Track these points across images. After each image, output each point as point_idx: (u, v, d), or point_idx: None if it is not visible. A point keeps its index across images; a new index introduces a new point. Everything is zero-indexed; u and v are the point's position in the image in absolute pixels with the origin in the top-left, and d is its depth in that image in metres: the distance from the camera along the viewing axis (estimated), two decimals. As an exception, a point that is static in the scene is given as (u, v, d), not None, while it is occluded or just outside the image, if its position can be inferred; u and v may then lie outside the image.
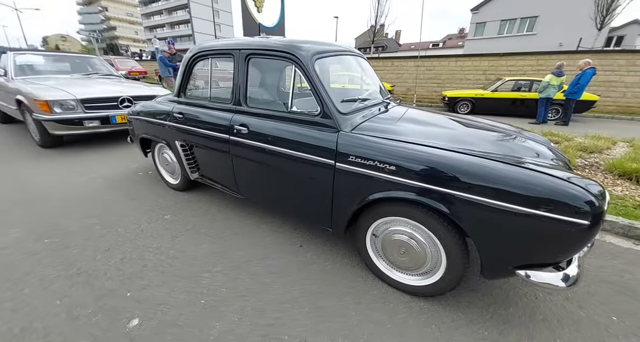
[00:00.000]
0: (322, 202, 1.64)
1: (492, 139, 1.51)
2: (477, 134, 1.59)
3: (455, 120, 1.85)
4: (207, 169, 2.35)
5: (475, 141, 1.43)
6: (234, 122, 1.87)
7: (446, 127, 1.65)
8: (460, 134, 1.57)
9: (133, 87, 4.50)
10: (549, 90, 6.93)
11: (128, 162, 3.56)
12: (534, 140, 1.64)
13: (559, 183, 1.05)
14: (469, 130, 1.67)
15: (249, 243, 2.00)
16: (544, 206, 1.04)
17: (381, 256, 1.60)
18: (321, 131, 1.55)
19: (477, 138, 1.50)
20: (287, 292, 1.56)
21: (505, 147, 1.43)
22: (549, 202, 1.03)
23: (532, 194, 1.05)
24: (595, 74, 6.81)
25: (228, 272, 1.71)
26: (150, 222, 2.23)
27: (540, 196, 1.04)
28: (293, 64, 1.63)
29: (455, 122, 1.80)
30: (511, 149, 1.40)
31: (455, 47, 30.73)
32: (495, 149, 1.36)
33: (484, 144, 1.41)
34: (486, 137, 1.54)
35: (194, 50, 2.13)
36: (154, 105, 2.50)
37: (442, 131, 1.56)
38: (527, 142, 1.58)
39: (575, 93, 6.82)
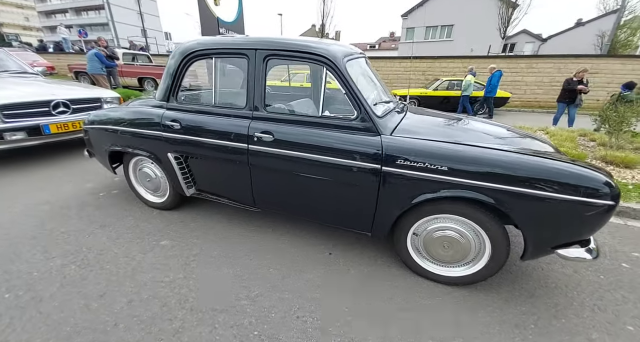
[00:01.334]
0: (362, 208, 1.63)
1: (509, 136, 1.72)
2: (496, 132, 1.78)
3: (461, 118, 2.03)
4: (210, 183, 2.10)
5: (500, 139, 1.60)
6: (254, 130, 1.71)
7: (466, 128, 1.81)
8: (483, 132, 1.73)
9: (65, 87, 3.69)
10: (470, 88, 8.35)
11: (78, 182, 2.92)
12: (537, 138, 1.89)
13: (588, 172, 1.26)
14: (486, 128, 1.84)
15: (275, 258, 1.86)
16: (578, 192, 1.23)
17: (422, 254, 1.67)
18: (361, 136, 1.53)
19: (497, 136, 1.68)
20: (340, 305, 1.52)
21: (523, 143, 1.63)
22: (582, 189, 1.23)
23: (570, 182, 1.24)
24: (502, 75, 8.35)
25: (269, 294, 1.57)
26: (146, 252, 1.89)
27: (577, 184, 1.23)
28: (324, 66, 1.56)
29: (464, 121, 1.97)
30: (529, 145, 1.60)
31: (389, 49, 33.41)
32: (521, 145, 1.55)
33: (507, 141, 1.59)
34: (502, 134, 1.74)
35: (189, 47, 1.85)
36: (130, 112, 2.10)
37: (469, 132, 1.71)
38: (533, 139, 1.81)
39: (491, 92, 8.27)
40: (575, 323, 1.45)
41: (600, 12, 28.40)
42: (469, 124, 1.90)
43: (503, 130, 1.88)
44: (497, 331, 1.39)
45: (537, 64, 11.49)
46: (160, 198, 2.38)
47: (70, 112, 3.37)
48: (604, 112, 4.27)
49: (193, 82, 2.86)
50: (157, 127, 1.97)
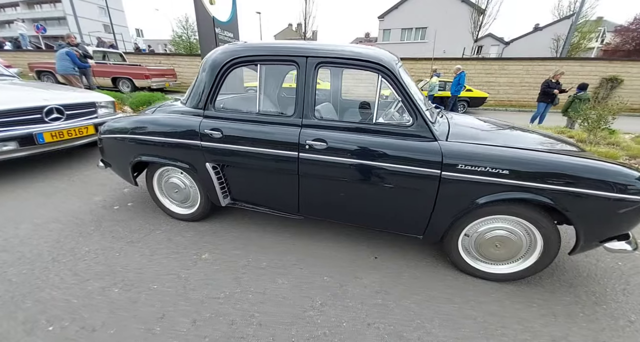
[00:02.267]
0: (418, 212, 1.67)
1: (544, 137, 1.85)
2: (531, 134, 1.91)
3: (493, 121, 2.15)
4: (249, 192, 2.03)
5: (540, 141, 1.72)
6: (305, 137, 1.69)
7: (506, 131, 1.91)
8: (522, 135, 1.84)
9: (55, 91, 3.38)
10: (435, 89, 9.13)
11: (84, 194, 2.69)
12: (564, 140, 2.04)
13: (630, 172, 1.39)
14: (519, 131, 1.96)
15: (325, 265, 1.85)
16: (627, 190, 1.36)
17: (472, 254, 1.75)
18: (418, 142, 1.57)
19: (535, 137, 1.80)
20: (407, 309, 1.55)
21: (561, 145, 1.76)
22: (629, 187, 1.36)
23: (620, 181, 1.36)
24: (465, 75, 8.98)
25: (333, 302, 1.57)
26: (189, 268, 1.79)
27: (626, 182, 1.36)
28: (379, 73, 1.58)
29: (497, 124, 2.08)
30: (566, 146, 1.74)
31: (365, 49, 34.11)
32: (560, 146, 1.68)
33: (547, 142, 1.71)
34: (537, 135, 1.87)
35: (232, 53, 1.78)
36: (161, 120, 1.97)
37: (514, 135, 1.81)
38: (560, 141, 1.96)
39: (458, 91, 8.80)
40: (614, 308, 1.60)
41: (555, 17, 31.08)
42: (506, 127, 2.01)
43: (534, 133, 2.02)
44: (554, 322, 1.50)
45: (508, 66, 12.31)
46: (188, 209, 2.26)
47: (64, 119, 3.09)
48: (584, 112, 4.68)
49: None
50: (195, 136, 1.88)
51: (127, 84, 11.09)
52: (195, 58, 13.93)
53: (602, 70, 12.08)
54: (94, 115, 3.45)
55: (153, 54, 14.50)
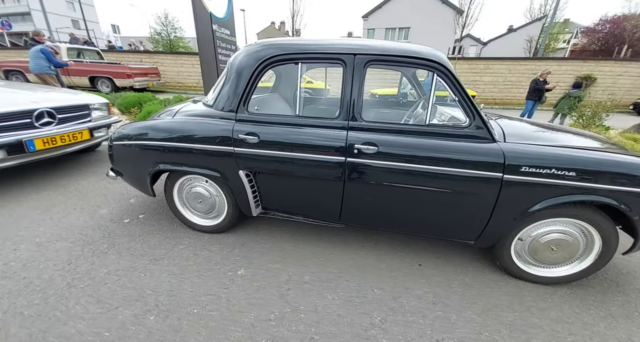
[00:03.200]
0: (474, 217, 1.60)
1: (591, 137, 1.84)
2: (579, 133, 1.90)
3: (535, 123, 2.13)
4: (284, 200, 1.89)
5: (591, 141, 1.71)
6: (353, 141, 1.57)
7: (555, 131, 1.89)
8: (573, 135, 1.82)
9: (42, 93, 3.04)
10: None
11: (86, 207, 2.43)
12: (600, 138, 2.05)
13: None
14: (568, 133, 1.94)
15: (371, 276, 1.75)
16: None
17: (525, 258, 1.70)
18: (476, 143, 1.50)
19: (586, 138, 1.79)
20: (470, 320, 1.48)
21: (609, 144, 1.76)
22: None
23: None
24: None
25: (393, 318, 1.47)
26: (227, 286, 1.63)
27: None
28: (434, 71, 1.50)
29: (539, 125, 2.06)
30: (611, 146, 1.73)
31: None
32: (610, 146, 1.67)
33: (598, 142, 1.70)
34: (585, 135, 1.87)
35: (270, 50, 1.63)
36: (186, 125, 1.79)
37: (562, 135, 1.79)
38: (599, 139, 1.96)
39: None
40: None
41: (527, 19, 32.67)
42: (547, 127, 1.99)
43: (575, 132, 2.01)
44: (615, 324, 1.48)
45: (492, 65, 12.73)
46: (213, 220, 2.08)
47: (56, 123, 2.79)
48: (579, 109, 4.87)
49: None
50: (228, 142, 1.71)
51: (106, 84, 10.45)
52: (179, 56, 13.35)
53: (577, 69, 12.75)
54: (88, 119, 3.15)
55: (133, 52, 13.74)
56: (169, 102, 5.43)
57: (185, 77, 13.24)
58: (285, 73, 2.55)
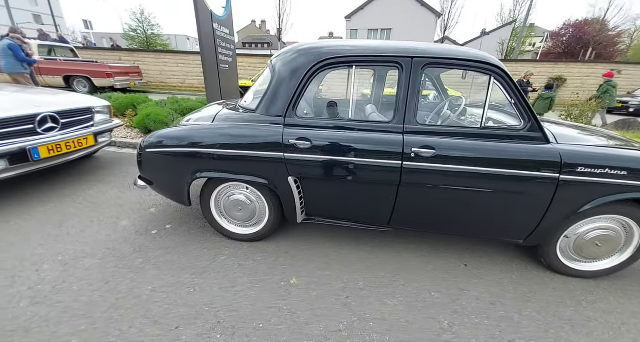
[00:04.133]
0: (527, 217, 1.65)
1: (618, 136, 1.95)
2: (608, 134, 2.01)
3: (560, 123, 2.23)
4: (330, 206, 1.85)
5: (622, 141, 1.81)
6: (410, 145, 1.57)
7: (589, 131, 1.99)
8: (607, 136, 1.92)
9: (42, 95, 2.79)
10: None
11: (104, 220, 2.25)
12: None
13: None
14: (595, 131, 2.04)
15: (424, 279, 1.75)
16: None
17: (569, 254, 1.78)
18: (531, 145, 1.55)
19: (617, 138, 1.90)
20: (532, 319, 1.51)
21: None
22: None
23: None
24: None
25: (460, 321, 1.48)
26: (286, 298, 1.57)
27: None
28: (491, 75, 1.52)
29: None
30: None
31: (332, 49, 34.41)
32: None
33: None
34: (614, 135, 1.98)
35: (324, 53, 1.58)
36: (232, 131, 1.70)
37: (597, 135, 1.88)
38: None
39: None
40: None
41: (499, 23, 34.43)
42: (583, 128, 2.09)
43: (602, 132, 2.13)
44: (660, 313, 1.58)
45: (474, 66, 13.28)
46: (252, 228, 1.99)
47: (59, 128, 2.56)
48: (568, 109, 5.18)
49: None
50: (277, 147, 1.64)
51: (83, 84, 9.82)
52: (162, 55, 12.77)
53: (550, 70, 13.61)
54: (91, 123, 2.93)
55: (111, 50, 12.96)
56: (165, 103, 5.16)
57: (169, 77, 12.69)
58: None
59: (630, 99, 11.04)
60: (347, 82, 2.49)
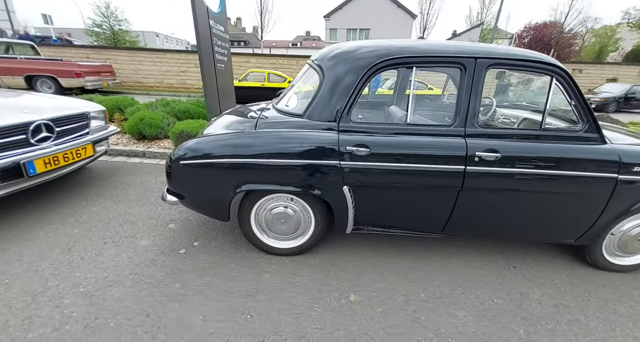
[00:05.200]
0: (583, 217, 1.66)
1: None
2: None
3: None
4: (382, 214, 1.76)
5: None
6: (474, 149, 1.51)
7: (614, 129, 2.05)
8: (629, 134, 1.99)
9: (30, 99, 2.44)
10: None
11: (120, 240, 1.99)
12: None
13: None
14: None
15: (479, 285, 1.72)
16: None
17: (613, 251, 1.82)
18: (589, 145, 1.55)
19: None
20: (598, 319, 1.52)
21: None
22: None
23: None
24: None
25: (534, 329, 1.45)
26: (352, 317, 1.46)
27: None
28: (553, 76, 1.50)
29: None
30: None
31: (311, 48, 34.22)
32: None
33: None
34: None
35: (382, 54, 1.49)
36: (278, 139, 1.55)
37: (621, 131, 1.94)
38: None
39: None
40: None
41: (468, 25, 36.12)
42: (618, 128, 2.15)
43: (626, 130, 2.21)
44: (701, 303, 1.66)
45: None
46: (295, 241, 1.85)
47: (54, 138, 2.24)
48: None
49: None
50: (332, 155, 1.52)
51: (48, 84, 8.93)
52: (137, 52, 11.95)
53: (522, 70, 14.43)
54: (86, 130, 2.61)
55: (78, 47, 11.92)
56: (155, 106, 4.79)
57: (145, 76, 11.92)
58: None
59: (591, 95, 11.95)
60: (397, 83, 2.42)
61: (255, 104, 2.44)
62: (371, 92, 7.61)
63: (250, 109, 2.16)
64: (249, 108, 2.24)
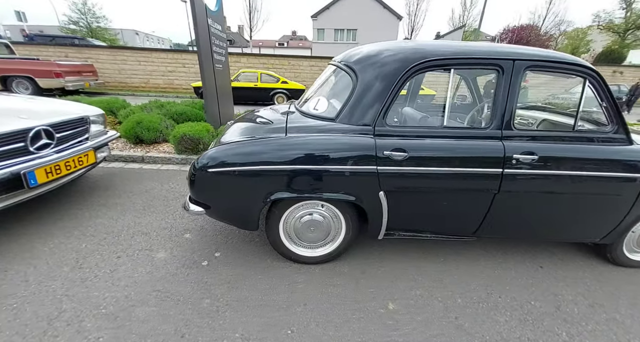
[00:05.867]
0: (610, 217, 1.68)
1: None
2: None
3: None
4: (414, 218, 1.72)
5: None
6: (511, 151, 1.50)
7: None
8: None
9: (26, 102, 2.25)
10: None
11: (137, 254, 1.86)
12: None
13: None
14: None
15: (512, 287, 1.72)
16: None
17: (631, 247, 1.87)
18: (618, 146, 1.58)
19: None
20: (632, 317, 1.55)
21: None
22: None
23: None
24: None
25: (576, 331, 1.45)
26: (396, 328, 1.42)
27: None
28: (587, 78, 1.51)
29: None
30: None
31: (297, 48, 34.05)
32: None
33: None
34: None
35: (417, 55, 1.45)
36: (313, 145, 1.48)
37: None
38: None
39: None
40: None
41: (451, 27, 37.05)
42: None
43: None
44: None
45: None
46: (324, 249, 1.79)
47: (54, 145, 2.07)
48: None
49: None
50: (371, 160, 1.47)
51: (25, 85, 8.42)
52: (119, 51, 11.45)
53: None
54: (86, 136, 2.43)
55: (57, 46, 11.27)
56: (150, 108, 4.58)
57: (129, 76, 11.45)
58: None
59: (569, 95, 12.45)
60: (410, 85, 2.38)
61: (267, 108, 2.35)
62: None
63: (270, 113, 2.07)
64: (268, 112, 2.14)
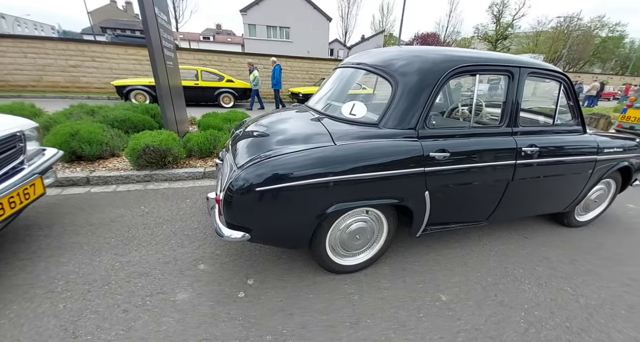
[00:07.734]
0: (576, 190, 2.13)
1: None
2: None
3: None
4: (446, 212, 1.84)
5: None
6: (521, 144, 1.77)
7: None
8: None
9: None
10: (259, 83, 8.64)
11: (153, 303, 1.49)
12: None
13: None
14: None
15: (522, 259, 2.02)
16: None
17: (579, 212, 2.42)
18: (579, 136, 2.03)
19: None
20: (605, 268, 1.99)
21: None
22: None
23: None
24: (281, 69, 8.87)
25: (576, 284, 1.80)
26: (459, 318, 1.51)
27: None
28: (561, 83, 1.89)
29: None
30: None
31: (226, 43, 31.84)
32: None
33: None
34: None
35: (452, 61, 1.56)
36: (370, 151, 1.44)
37: None
38: None
39: (277, 84, 8.73)
40: None
41: (373, 31, 40.58)
42: None
43: None
44: None
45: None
46: (366, 254, 1.77)
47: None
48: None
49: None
50: (418, 162, 1.52)
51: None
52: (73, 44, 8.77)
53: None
54: (21, 158, 1.82)
55: None
56: (78, 115, 3.66)
57: (10, 72, 8.92)
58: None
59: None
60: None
61: (272, 115, 2.15)
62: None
63: (295, 121, 1.89)
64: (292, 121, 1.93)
